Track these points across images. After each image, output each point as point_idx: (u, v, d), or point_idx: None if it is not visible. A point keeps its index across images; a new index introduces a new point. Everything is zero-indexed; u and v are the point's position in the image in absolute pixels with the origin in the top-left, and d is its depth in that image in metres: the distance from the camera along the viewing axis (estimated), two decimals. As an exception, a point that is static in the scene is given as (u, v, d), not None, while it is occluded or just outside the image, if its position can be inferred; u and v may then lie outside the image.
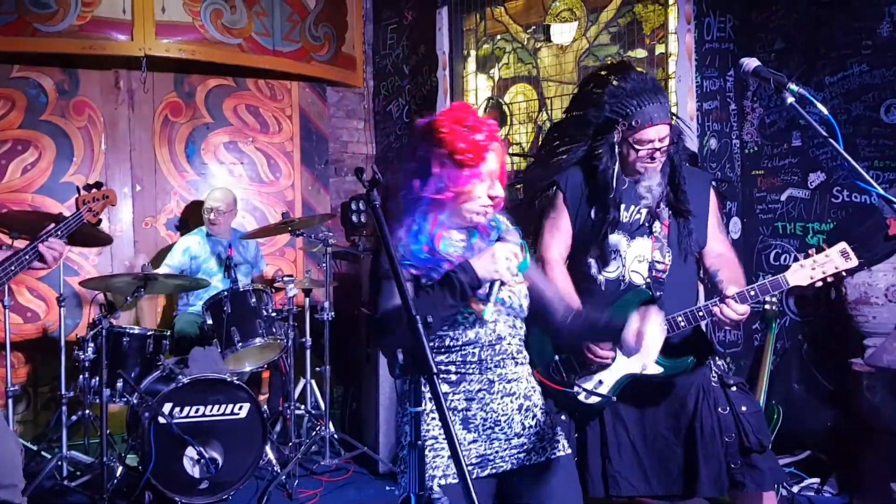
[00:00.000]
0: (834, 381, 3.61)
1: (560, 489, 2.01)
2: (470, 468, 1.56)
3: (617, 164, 2.66)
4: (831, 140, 1.95)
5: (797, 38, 3.77)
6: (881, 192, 1.87)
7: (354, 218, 5.79)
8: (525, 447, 1.99)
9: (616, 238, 2.70)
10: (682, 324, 2.54)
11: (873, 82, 3.53)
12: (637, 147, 2.60)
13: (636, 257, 2.69)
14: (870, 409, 3.24)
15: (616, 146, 2.65)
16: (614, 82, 2.71)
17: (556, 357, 2.68)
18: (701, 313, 2.52)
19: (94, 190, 3.37)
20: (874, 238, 3.41)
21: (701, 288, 2.97)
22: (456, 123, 1.88)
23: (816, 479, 3.51)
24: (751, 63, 2.17)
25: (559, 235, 2.77)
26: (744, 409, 2.65)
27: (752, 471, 2.64)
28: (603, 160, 2.66)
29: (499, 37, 5.36)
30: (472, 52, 5.50)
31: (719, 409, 2.64)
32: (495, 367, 1.96)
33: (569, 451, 2.08)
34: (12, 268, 2.85)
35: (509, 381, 1.98)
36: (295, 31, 5.49)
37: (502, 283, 1.83)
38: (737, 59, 2.21)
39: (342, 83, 5.98)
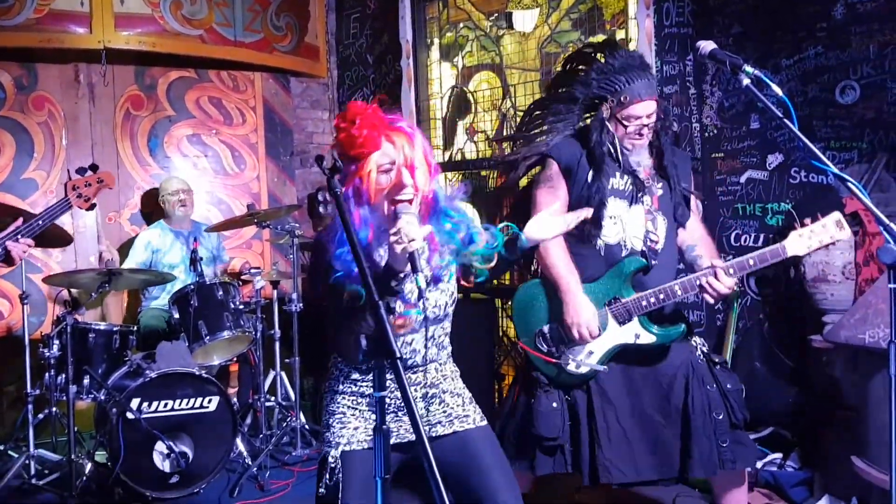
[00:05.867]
0: (794, 359, 3.68)
1: (469, 454, 2.12)
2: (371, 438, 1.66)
3: (615, 137, 2.68)
4: (786, 121, 1.98)
5: (754, 22, 3.83)
6: (837, 171, 1.90)
7: (321, 209, 5.77)
8: (429, 421, 2.14)
9: (616, 204, 2.70)
10: (679, 293, 2.57)
11: (828, 64, 3.59)
12: (625, 123, 2.63)
13: (636, 224, 2.71)
14: (829, 385, 3.31)
15: (605, 122, 2.67)
16: (601, 59, 2.74)
17: (545, 327, 2.68)
18: (698, 282, 2.54)
19: (88, 173, 3.19)
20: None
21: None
22: (340, 120, 1.91)
23: (779, 455, 3.58)
24: (707, 46, 2.19)
25: (556, 205, 2.67)
26: (728, 386, 2.67)
27: (739, 448, 2.65)
28: (593, 136, 2.68)
29: (461, 25, 5.36)
30: (436, 41, 5.50)
31: (707, 387, 2.65)
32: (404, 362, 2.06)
33: (482, 423, 2.19)
34: None
35: (414, 373, 2.12)
36: (256, 22, 5.44)
37: (421, 258, 1.73)
38: (695, 44, 2.23)
39: (306, 73, 5.95)
